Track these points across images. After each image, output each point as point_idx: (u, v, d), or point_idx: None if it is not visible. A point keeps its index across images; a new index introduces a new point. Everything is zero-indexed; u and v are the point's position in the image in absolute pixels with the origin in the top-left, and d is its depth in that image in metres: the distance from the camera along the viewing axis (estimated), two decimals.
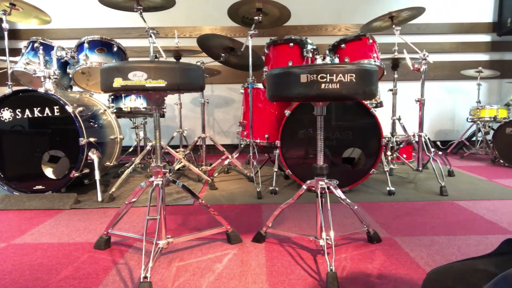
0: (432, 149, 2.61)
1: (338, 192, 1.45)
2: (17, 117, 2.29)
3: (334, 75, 1.17)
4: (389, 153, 2.87)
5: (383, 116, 2.65)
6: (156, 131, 1.42)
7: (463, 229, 1.69)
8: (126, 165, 2.94)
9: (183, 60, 3.35)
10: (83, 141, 2.23)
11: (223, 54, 3.04)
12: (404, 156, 3.29)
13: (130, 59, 2.97)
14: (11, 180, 2.33)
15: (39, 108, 2.28)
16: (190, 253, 1.46)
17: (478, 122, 3.77)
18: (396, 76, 3.02)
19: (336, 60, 2.61)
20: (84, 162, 2.28)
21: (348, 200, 1.48)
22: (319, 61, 2.52)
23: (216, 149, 3.50)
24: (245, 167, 3.08)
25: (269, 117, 2.79)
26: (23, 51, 2.79)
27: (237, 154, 2.94)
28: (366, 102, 2.27)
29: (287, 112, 2.30)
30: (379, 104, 2.75)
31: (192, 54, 3.63)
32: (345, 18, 4.28)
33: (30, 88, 2.29)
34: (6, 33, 2.59)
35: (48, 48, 2.67)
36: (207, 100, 3.13)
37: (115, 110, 2.84)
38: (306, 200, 2.15)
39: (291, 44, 2.66)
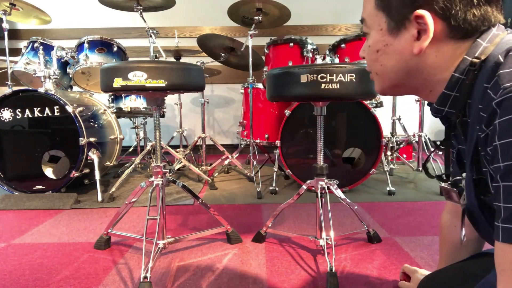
0: (432, 149, 2.61)
1: (338, 192, 1.45)
2: (17, 117, 2.29)
3: (334, 75, 1.17)
4: (389, 153, 2.87)
5: (383, 116, 2.65)
6: (156, 131, 1.42)
7: None
8: (126, 165, 2.94)
9: (183, 60, 3.35)
10: (83, 141, 2.23)
11: (223, 54, 3.04)
12: (404, 156, 3.28)
13: (130, 59, 2.97)
14: (11, 180, 2.33)
15: (39, 108, 2.28)
16: (190, 253, 1.46)
17: None
18: None
19: (336, 60, 2.61)
20: (84, 162, 2.28)
21: (348, 200, 1.48)
22: (319, 61, 2.51)
23: (216, 149, 3.50)
24: (245, 167, 3.08)
25: (269, 117, 2.79)
26: (23, 51, 2.78)
27: (237, 154, 2.94)
28: (366, 102, 2.26)
29: (287, 112, 2.30)
30: (379, 104, 2.75)
31: (192, 54, 3.63)
32: (345, 18, 4.28)
33: (30, 88, 2.29)
34: (6, 33, 2.59)
35: (48, 48, 2.67)
36: (207, 100, 3.13)
37: (115, 110, 2.84)
38: (306, 200, 2.14)
39: (291, 44, 2.66)
